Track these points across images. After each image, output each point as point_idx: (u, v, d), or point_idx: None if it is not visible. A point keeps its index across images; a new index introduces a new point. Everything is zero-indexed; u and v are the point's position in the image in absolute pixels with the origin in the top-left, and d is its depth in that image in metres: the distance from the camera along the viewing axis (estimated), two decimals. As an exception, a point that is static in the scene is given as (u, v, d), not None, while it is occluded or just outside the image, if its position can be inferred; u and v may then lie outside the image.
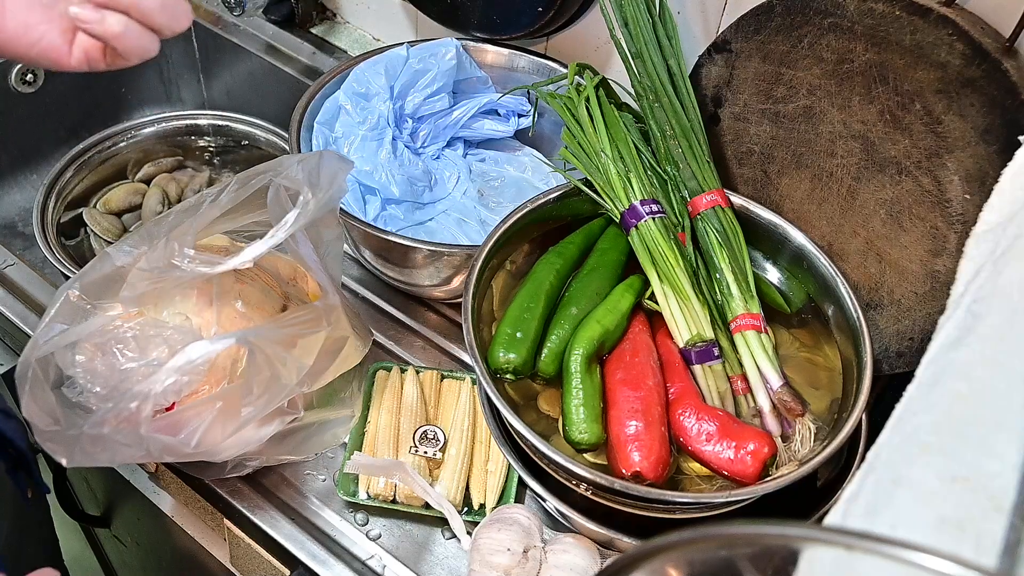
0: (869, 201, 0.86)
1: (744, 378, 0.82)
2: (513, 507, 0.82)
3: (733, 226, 0.87)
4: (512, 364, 0.80)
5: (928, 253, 0.83)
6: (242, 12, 1.29)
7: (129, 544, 1.26)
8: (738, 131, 0.94)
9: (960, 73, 0.77)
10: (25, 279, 1.05)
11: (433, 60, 1.09)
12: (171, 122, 1.31)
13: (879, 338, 0.87)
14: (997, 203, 0.67)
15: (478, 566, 0.78)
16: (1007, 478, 0.42)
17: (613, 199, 0.88)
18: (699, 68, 0.95)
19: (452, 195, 1.12)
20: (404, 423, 0.90)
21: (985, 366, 0.50)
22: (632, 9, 0.92)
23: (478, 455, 0.89)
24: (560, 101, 0.94)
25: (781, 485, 0.72)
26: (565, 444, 0.78)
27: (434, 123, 1.12)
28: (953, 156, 0.79)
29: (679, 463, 0.79)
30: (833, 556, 0.35)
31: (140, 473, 1.03)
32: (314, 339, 0.79)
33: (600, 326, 0.82)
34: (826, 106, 0.87)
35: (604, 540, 0.79)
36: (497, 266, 0.89)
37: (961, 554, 0.37)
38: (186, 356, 0.71)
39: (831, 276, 0.85)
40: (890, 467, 0.46)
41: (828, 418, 0.80)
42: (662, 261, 0.84)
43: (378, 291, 1.08)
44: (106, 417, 0.71)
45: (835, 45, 0.84)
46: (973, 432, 0.46)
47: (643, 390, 0.78)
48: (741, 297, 0.84)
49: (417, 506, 0.86)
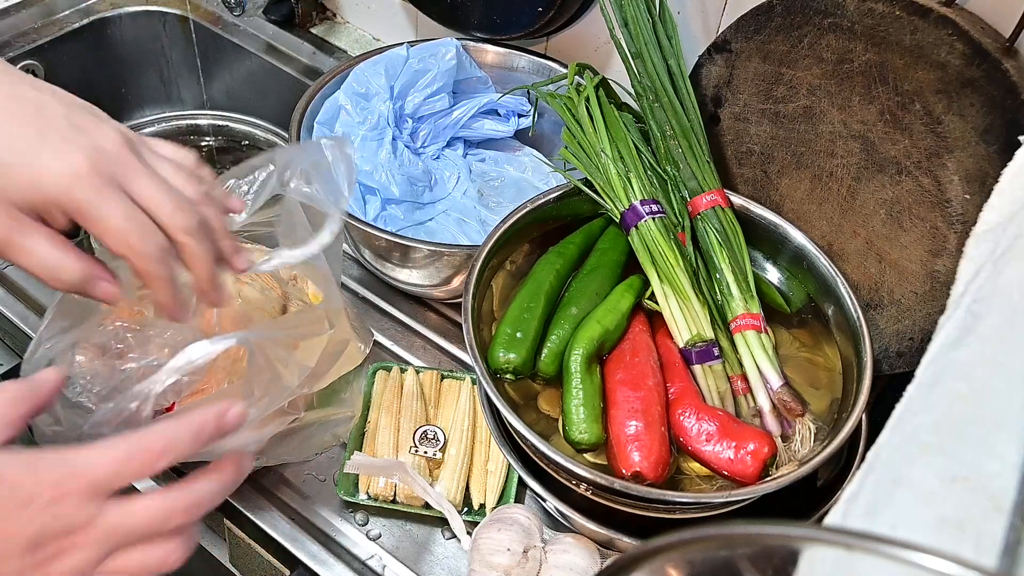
0: (869, 201, 0.86)
1: (744, 378, 0.82)
2: (513, 507, 0.82)
3: (733, 226, 0.87)
4: (512, 364, 0.80)
5: (928, 253, 0.83)
6: (242, 12, 1.29)
7: (129, 544, 1.26)
8: (738, 131, 0.94)
9: (960, 73, 0.77)
10: (25, 279, 1.05)
11: (433, 60, 1.09)
12: (171, 122, 1.32)
13: (879, 338, 0.87)
14: (997, 203, 0.67)
15: (478, 566, 0.78)
16: (1007, 478, 0.42)
17: (613, 199, 0.88)
18: (699, 68, 0.95)
19: (452, 195, 1.12)
20: (404, 423, 0.90)
21: (985, 366, 0.50)
22: (632, 9, 0.92)
23: (478, 455, 0.89)
24: (560, 101, 0.94)
25: (781, 485, 0.72)
26: (565, 444, 0.78)
27: (434, 123, 1.12)
28: (953, 156, 0.79)
29: (679, 463, 0.79)
30: (833, 556, 0.35)
31: (140, 473, 1.03)
32: (317, 341, 0.79)
33: (600, 326, 0.82)
34: (826, 106, 0.87)
35: (604, 540, 0.79)
36: (497, 266, 0.89)
37: (961, 554, 0.37)
38: (186, 356, 0.71)
39: (831, 276, 0.85)
40: (890, 467, 0.46)
41: (828, 418, 0.80)
42: (662, 261, 0.84)
43: (378, 291, 1.08)
44: (106, 417, 0.71)
45: (835, 45, 0.84)
46: (973, 432, 0.46)
47: (643, 390, 0.78)
48: (741, 297, 0.84)
49: (417, 506, 0.86)
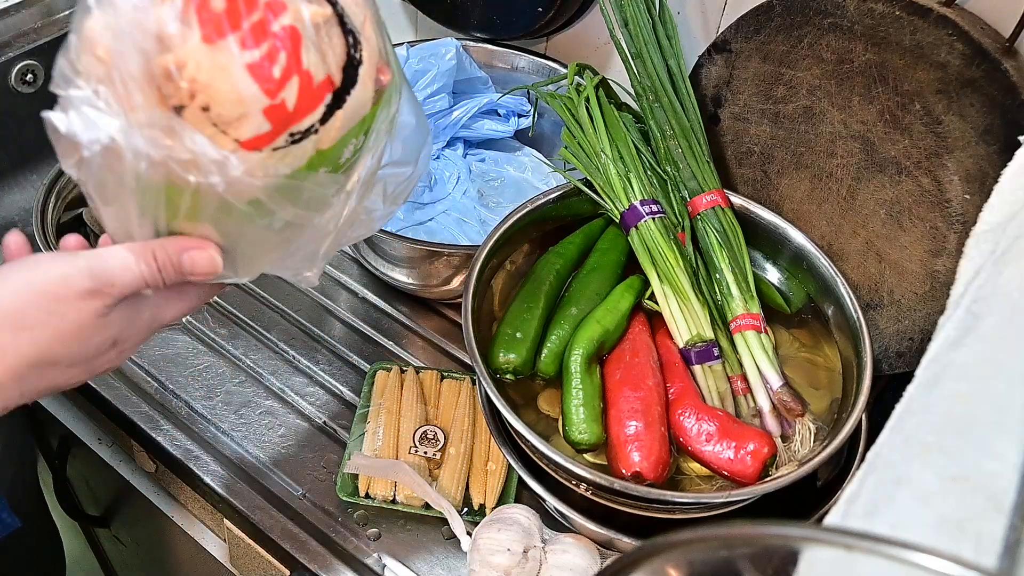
0: (869, 201, 0.86)
1: (744, 378, 0.82)
2: (513, 507, 0.82)
3: (733, 226, 0.87)
4: (512, 364, 0.80)
5: (928, 253, 0.83)
6: (242, 12, 1.28)
7: (129, 544, 1.26)
8: (738, 131, 0.94)
9: (960, 73, 0.77)
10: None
11: (433, 60, 1.09)
12: (171, 122, 1.31)
13: (879, 338, 0.87)
14: (997, 203, 0.67)
15: (478, 566, 0.78)
16: (1007, 478, 0.42)
17: (613, 199, 0.88)
18: (699, 68, 0.95)
19: (452, 195, 1.12)
20: (404, 423, 0.90)
21: (985, 366, 0.50)
22: (632, 9, 0.92)
23: (478, 455, 0.89)
24: (560, 101, 0.94)
25: (781, 485, 0.72)
26: (565, 444, 0.78)
27: (434, 123, 1.12)
28: (953, 156, 0.79)
29: (679, 463, 0.79)
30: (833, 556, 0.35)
31: (140, 473, 1.04)
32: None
33: (600, 326, 0.82)
34: (826, 106, 0.87)
35: (604, 540, 0.79)
36: (497, 266, 0.89)
37: (961, 554, 0.37)
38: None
39: (831, 276, 0.85)
40: (890, 467, 0.46)
41: (828, 418, 0.80)
42: (662, 261, 0.84)
43: (378, 291, 1.08)
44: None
45: (835, 45, 0.84)
46: (973, 432, 0.46)
47: (643, 390, 0.78)
48: (741, 297, 0.84)
49: (417, 506, 0.86)
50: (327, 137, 0.53)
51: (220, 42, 0.49)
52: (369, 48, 0.55)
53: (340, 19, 0.53)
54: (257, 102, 0.50)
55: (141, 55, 0.49)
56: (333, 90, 0.53)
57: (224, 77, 0.49)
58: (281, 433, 0.93)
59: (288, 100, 0.51)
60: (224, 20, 0.49)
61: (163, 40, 0.49)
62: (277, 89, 0.50)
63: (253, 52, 0.49)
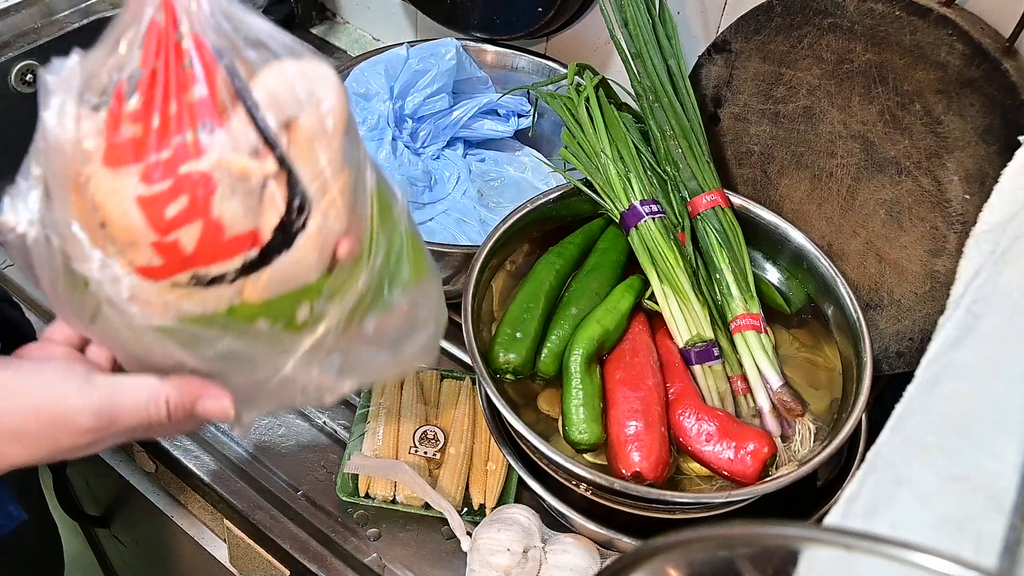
0: (869, 201, 0.86)
1: (744, 378, 0.82)
2: (513, 507, 0.82)
3: (733, 226, 0.87)
4: (512, 364, 0.80)
5: (928, 253, 0.83)
6: (242, 12, 1.29)
7: (129, 544, 1.26)
8: (738, 131, 0.94)
9: (960, 73, 0.77)
10: (25, 279, 1.05)
11: (433, 60, 1.09)
12: (171, 122, 1.31)
13: (879, 338, 0.87)
14: (997, 203, 0.67)
15: (478, 566, 0.78)
16: (1007, 478, 0.42)
17: (613, 199, 0.88)
18: (699, 68, 0.95)
19: (452, 195, 1.12)
20: (404, 423, 0.90)
21: (985, 366, 0.50)
22: (632, 9, 0.92)
23: (478, 455, 0.89)
24: (560, 101, 0.94)
25: (781, 485, 0.72)
26: (565, 444, 0.78)
27: (434, 123, 1.12)
28: (953, 156, 0.79)
29: (679, 463, 0.79)
30: (833, 556, 0.35)
31: (140, 473, 1.04)
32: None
33: (600, 326, 0.82)
34: (826, 106, 0.87)
35: (604, 540, 0.79)
36: (497, 266, 0.89)
37: (961, 554, 0.37)
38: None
39: (831, 276, 0.85)
40: (890, 467, 0.46)
41: (828, 418, 0.80)
42: (662, 261, 0.84)
43: (378, 291, 1.08)
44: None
45: (835, 45, 0.84)
46: (973, 432, 0.46)
47: (643, 390, 0.78)
48: (741, 297, 0.84)
49: (417, 506, 0.86)
50: (252, 291, 0.52)
51: (121, 169, 0.50)
52: (325, 218, 0.52)
53: (289, 180, 0.51)
54: (145, 235, 0.50)
55: (66, 161, 0.51)
56: (259, 246, 0.51)
57: (116, 203, 0.50)
58: (281, 433, 0.93)
59: (184, 242, 0.50)
60: (129, 150, 0.50)
61: (84, 152, 0.51)
62: (169, 228, 0.50)
63: (151, 187, 0.49)
